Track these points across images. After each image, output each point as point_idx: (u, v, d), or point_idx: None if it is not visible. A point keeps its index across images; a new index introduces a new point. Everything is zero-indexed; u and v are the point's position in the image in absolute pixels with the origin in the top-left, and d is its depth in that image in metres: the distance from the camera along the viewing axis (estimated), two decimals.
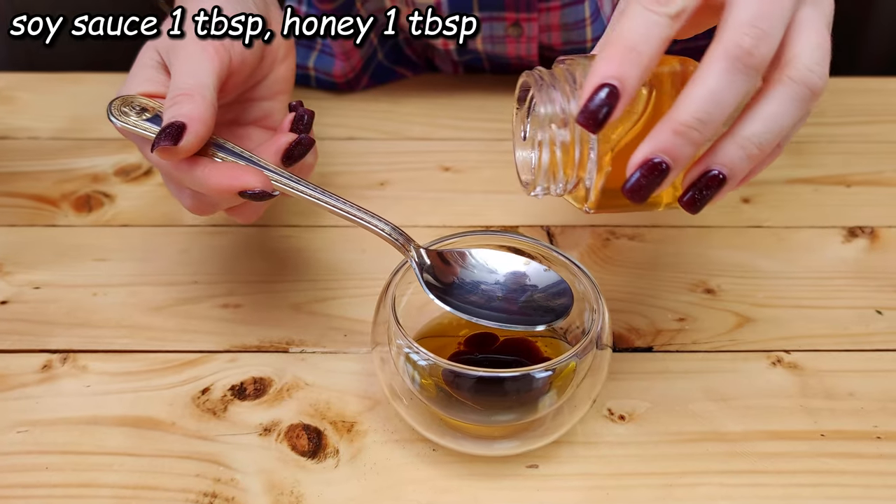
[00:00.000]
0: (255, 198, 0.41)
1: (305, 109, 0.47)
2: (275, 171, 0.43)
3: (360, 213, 0.42)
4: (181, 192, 0.45)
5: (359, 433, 0.44)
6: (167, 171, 0.43)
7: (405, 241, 0.43)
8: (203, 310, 0.51)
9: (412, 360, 0.41)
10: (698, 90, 0.34)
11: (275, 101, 0.50)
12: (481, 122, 0.68)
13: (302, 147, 0.44)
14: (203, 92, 0.42)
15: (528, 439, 0.42)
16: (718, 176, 0.36)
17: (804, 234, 0.58)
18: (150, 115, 0.43)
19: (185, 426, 0.44)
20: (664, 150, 0.34)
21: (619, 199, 0.39)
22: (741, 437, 0.44)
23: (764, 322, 0.51)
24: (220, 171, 0.41)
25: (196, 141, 0.41)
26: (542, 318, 0.41)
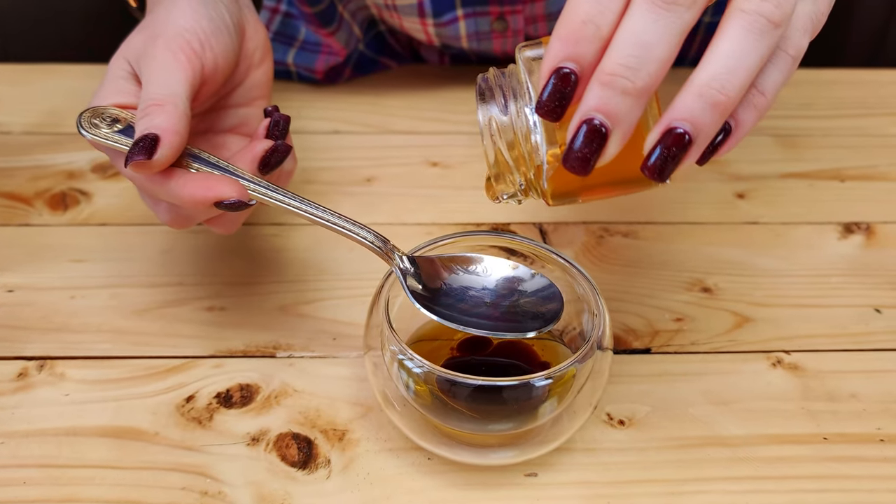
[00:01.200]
0: (231, 208, 0.40)
1: (281, 115, 0.45)
2: (251, 181, 0.41)
3: (341, 221, 0.41)
4: (157, 206, 0.43)
5: (351, 442, 0.43)
6: (142, 184, 0.41)
7: (389, 250, 0.41)
8: (187, 313, 0.49)
9: (406, 366, 0.40)
10: (623, 32, 0.31)
11: (252, 108, 0.48)
12: (469, 115, 0.67)
13: (278, 154, 0.43)
14: (175, 101, 0.40)
15: (526, 448, 0.41)
16: (683, 135, 0.31)
17: (800, 230, 0.57)
18: (122, 127, 0.42)
19: (169, 436, 0.43)
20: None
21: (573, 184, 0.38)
22: (743, 442, 0.43)
23: (763, 322, 0.50)
24: (194, 182, 0.40)
25: (170, 153, 0.39)
26: (532, 325, 0.40)
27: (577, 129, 0.32)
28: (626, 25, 0.31)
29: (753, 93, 0.33)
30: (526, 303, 0.41)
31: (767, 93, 0.34)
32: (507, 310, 0.41)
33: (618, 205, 0.58)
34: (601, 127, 0.31)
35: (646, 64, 0.31)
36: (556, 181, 0.38)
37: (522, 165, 0.39)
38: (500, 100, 0.38)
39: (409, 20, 0.65)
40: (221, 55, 0.43)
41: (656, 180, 0.33)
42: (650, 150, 0.32)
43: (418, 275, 0.41)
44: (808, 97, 0.69)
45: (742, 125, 0.34)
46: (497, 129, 0.39)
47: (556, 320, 0.40)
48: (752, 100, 0.33)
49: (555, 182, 0.38)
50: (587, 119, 0.31)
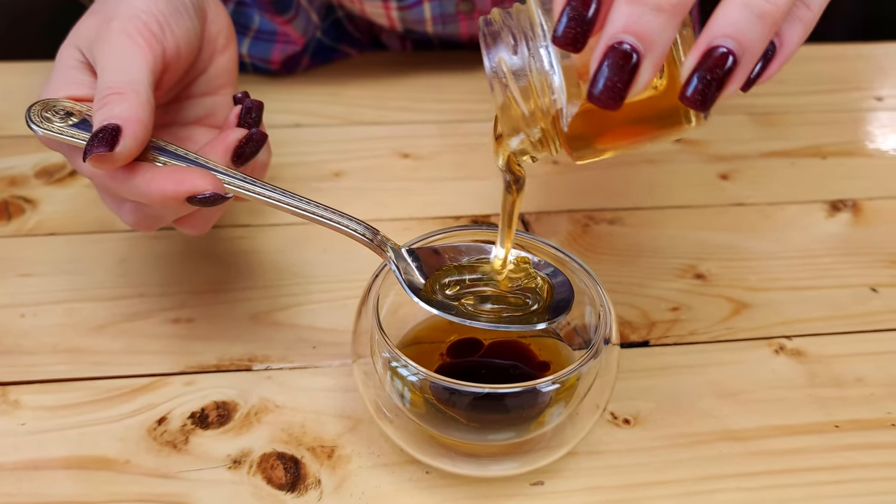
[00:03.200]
0: (206, 202, 0.36)
1: (253, 101, 0.41)
2: (225, 173, 0.37)
3: (327, 213, 0.38)
4: (120, 206, 0.39)
5: (341, 459, 0.39)
6: (102, 182, 0.37)
7: (381, 242, 0.38)
8: (151, 326, 0.46)
9: (400, 374, 0.37)
10: None
11: (218, 97, 0.44)
12: (436, 104, 0.64)
13: (253, 143, 0.39)
14: (137, 88, 0.36)
15: (531, 456, 0.38)
16: (727, 54, 0.28)
17: (787, 210, 0.55)
18: (78, 120, 0.37)
19: (140, 464, 0.39)
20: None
21: (598, 127, 0.33)
22: (755, 435, 0.41)
23: (760, 307, 0.48)
24: (163, 175, 0.36)
25: (134, 144, 0.35)
26: (541, 317, 0.37)
27: (603, 55, 0.28)
28: None
29: (798, 4, 0.30)
30: (534, 296, 0.39)
31: (813, 5, 0.30)
32: (512, 302, 0.38)
33: (602, 191, 0.55)
34: (632, 51, 0.27)
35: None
36: (578, 125, 0.33)
37: (538, 113, 0.34)
38: (509, 41, 0.33)
39: (372, 4, 0.61)
40: (183, 39, 0.40)
41: (698, 110, 0.29)
42: (689, 75, 0.28)
43: (414, 267, 0.38)
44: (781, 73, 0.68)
45: (788, 43, 0.30)
46: (507, 73, 0.33)
47: (568, 310, 0.37)
48: (798, 12, 0.30)
49: (577, 126, 0.33)
50: (615, 42, 0.27)
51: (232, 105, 0.43)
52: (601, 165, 0.58)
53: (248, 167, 0.40)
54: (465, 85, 0.65)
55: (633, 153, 0.58)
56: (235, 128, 0.39)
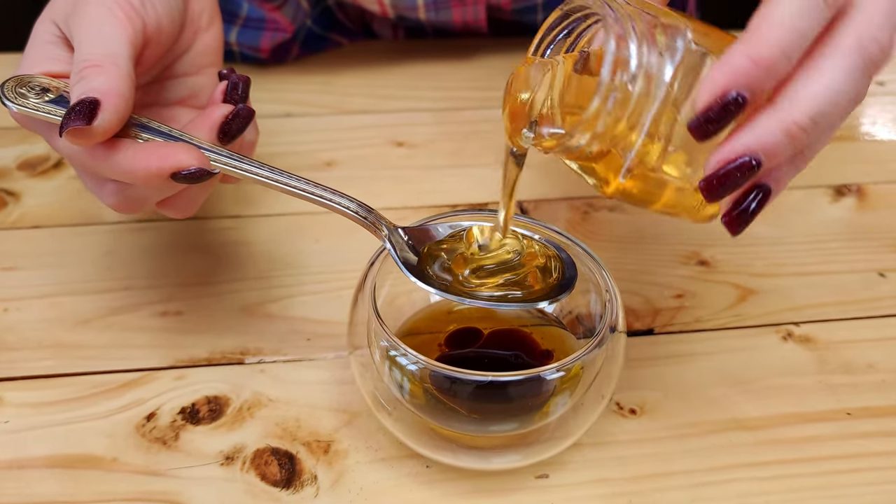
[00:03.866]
0: (192, 179, 0.35)
1: (239, 76, 0.40)
2: (211, 150, 0.36)
3: (319, 190, 0.36)
4: (101, 188, 0.38)
5: (338, 453, 0.38)
6: (82, 161, 0.36)
7: (376, 220, 0.37)
8: (138, 320, 0.44)
9: (399, 363, 0.35)
10: (820, 87, 0.28)
11: (202, 76, 0.43)
12: (429, 91, 0.62)
13: (240, 120, 0.38)
14: (116, 61, 0.35)
15: (535, 448, 0.36)
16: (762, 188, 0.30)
17: (791, 195, 0.54)
18: (54, 96, 0.36)
19: (129, 461, 0.37)
20: (764, 150, 0.28)
21: (645, 196, 0.33)
22: (765, 424, 0.40)
23: (767, 293, 0.47)
24: (146, 151, 0.34)
25: (114, 118, 0.34)
26: (543, 294, 0.36)
27: (729, 159, 0.29)
28: (824, 77, 0.28)
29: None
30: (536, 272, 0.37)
31: (808, 160, 0.31)
32: (513, 280, 0.37)
33: None
34: (753, 162, 0.29)
35: (828, 129, 0.29)
36: (635, 183, 0.33)
37: (618, 137, 0.31)
38: (637, 42, 0.30)
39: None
40: (164, 13, 0.38)
41: (732, 233, 0.31)
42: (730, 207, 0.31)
43: (410, 247, 0.36)
44: None
45: (780, 183, 0.31)
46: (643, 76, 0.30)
47: (572, 287, 0.35)
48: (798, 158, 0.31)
49: (633, 184, 0.33)
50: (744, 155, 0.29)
51: (217, 85, 0.41)
52: None
53: (234, 145, 0.38)
54: (460, 72, 0.64)
55: None
56: (221, 104, 0.38)
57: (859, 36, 0.29)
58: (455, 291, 0.36)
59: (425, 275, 0.36)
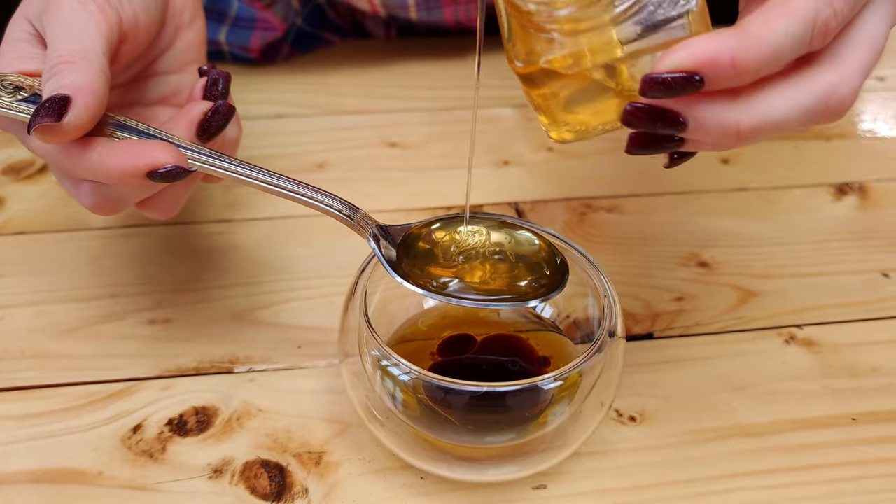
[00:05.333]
0: (168, 177, 0.33)
1: (220, 71, 0.39)
2: (190, 148, 0.35)
3: (301, 189, 0.35)
4: (78, 188, 0.36)
5: (330, 465, 0.37)
6: (56, 160, 0.35)
7: (361, 219, 0.35)
8: (125, 328, 0.43)
9: (391, 373, 0.34)
10: (776, 35, 0.27)
11: (184, 74, 0.41)
12: (422, 91, 0.61)
13: (220, 116, 0.36)
14: (89, 56, 0.33)
15: (532, 459, 0.35)
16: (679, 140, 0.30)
17: (792, 194, 0.53)
18: (28, 95, 0.35)
19: (115, 475, 0.36)
20: (709, 67, 0.27)
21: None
22: (768, 430, 0.39)
23: (768, 295, 0.46)
24: (120, 150, 0.33)
25: (86, 115, 0.33)
26: (534, 293, 0.35)
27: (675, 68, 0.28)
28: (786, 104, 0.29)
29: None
30: (525, 268, 0.36)
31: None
32: (505, 278, 0.36)
33: (598, 178, 0.53)
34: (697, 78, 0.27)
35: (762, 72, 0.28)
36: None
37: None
38: None
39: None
40: (142, 8, 0.37)
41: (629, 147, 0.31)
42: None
43: (396, 246, 0.35)
44: None
45: (692, 147, 0.31)
46: None
47: (562, 287, 0.34)
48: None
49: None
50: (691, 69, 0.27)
51: None
52: (597, 151, 0.55)
53: (216, 144, 0.37)
54: (453, 71, 0.63)
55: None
56: (200, 100, 0.37)
57: (833, 83, 0.29)
58: (442, 292, 0.35)
59: (411, 274, 0.35)
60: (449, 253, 0.36)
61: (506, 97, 0.60)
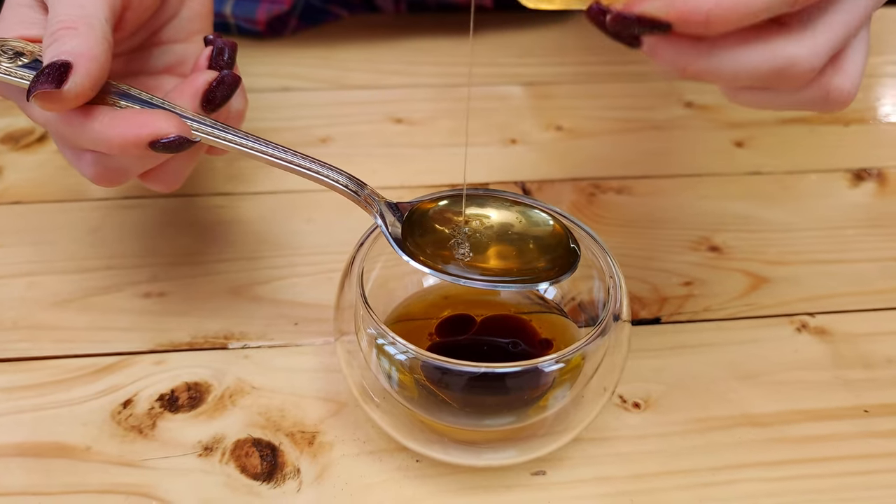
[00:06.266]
0: (171, 147, 0.32)
1: (225, 41, 0.38)
2: (194, 119, 0.34)
3: (307, 163, 0.34)
4: (79, 158, 0.36)
5: (323, 446, 0.36)
6: (57, 129, 0.34)
7: (368, 196, 0.34)
8: (121, 301, 0.42)
9: (387, 352, 0.33)
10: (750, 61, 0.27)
11: (190, 44, 0.40)
12: (431, 67, 0.60)
13: (225, 87, 0.35)
14: (90, 22, 0.32)
15: (532, 444, 0.34)
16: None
17: (807, 179, 0.51)
18: (28, 61, 0.34)
19: (103, 451, 0.35)
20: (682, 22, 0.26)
21: None
22: (776, 420, 0.38)
23: (780, 281, 0.44)
24: (122, 118, 0.32)
25: (87, 82, 0.32)
26: (544, 275, 0.34)
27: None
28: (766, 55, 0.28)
29: None
30: (535, 248, 0.35)
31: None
32: (513, 259, 0.35)
33: (608, 158, 0.52)
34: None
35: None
36: None
37: None
38: None
39: None
40: None
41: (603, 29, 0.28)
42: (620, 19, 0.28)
43: (404, 224, 0.34)
44: None
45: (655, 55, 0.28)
46: None
47: (573, 270, 0.33)
48: None
49: None
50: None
51: None
52: (607, 131, 0.54)
53: (220, 115, 0.36)
54: (462, 47, 0.61)
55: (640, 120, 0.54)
56: (205, 70, 0.36)
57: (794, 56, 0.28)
58: (448, 271, 0.33)
59: (417, 253, 0.34)
60: (456, 231, 0.35)
61: (514, 75, 0.59)
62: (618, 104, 0.57)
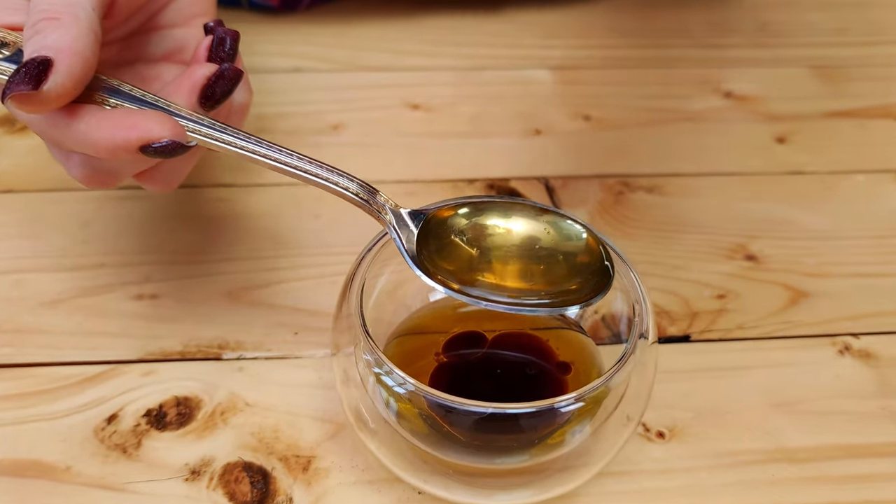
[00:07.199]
0: (164, 152, 0.29)
1: (227, 30, 0.34)
2: (190, 118, 0.31)
3: (313, 167, 0.31)
4: (67, 159, 0.33)
5: (319, 473, 0.33)
6: (41, 129, 0.31)
7: (379, 205, 0.31)
8: (111, 303, 0.39)
9: (384, 382, 0.30)
10: None
11: (190, 28, 0.37)
12: (453, 48, 0.56)
13: (225, 81, 0.32)
14: (75, 12, 0.29)
15: (547, 484, 0.31)
16: None
17: (853, 180, 0.47)
18: (10, 52, 0.31)
19: (83, 471, 0.33)
20: None
21: None
22: (813, 456, 0.34)
23: (821, 296, 0.41)
24: (111, 120, 0.29)
25: (68, 81, 0.29)
26: (572, 296, 0.30)
27: None
28: None
29: None
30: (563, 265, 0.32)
31: None
32: (540, 276, 0.31)
33: (639, 153, 0.48)
34: None
35: None
36: None
37: None
38: None
39: None
40: None
41: None
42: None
43: (419, 235, 0.31)
44: (843, 21, 0.59)
45: None
46: None
47: (606, 291, 0.30)
48: None
49: None
50: None
51: None
52: (637, 123, 0.50)
53: (221, 112, 0.33)
54: (486, 27, 0.57)
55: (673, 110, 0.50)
56: (204, 63, 0.33)
57: None
58: (468, 291, 0.30)
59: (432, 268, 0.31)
60: (476, 244, 0.32)
61: (541, 57, 0.55)
62: (650, 92, 0.53)
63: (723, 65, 0.55)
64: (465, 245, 0.32)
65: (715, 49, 0.56)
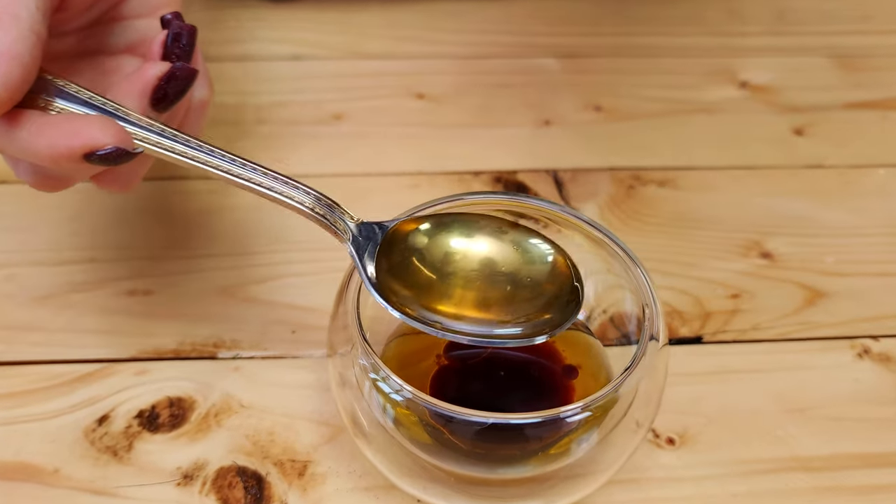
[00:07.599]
0: (109, 160, 0.28)
1: (184, 24, 0.32)
2: (138, 124, 0.29)
3: (266, 179, 0.29)
4: (16, 165, 0.31)
5: (315, 478, 0.32)
6: None
7: (338, 219, 0.30)
8: (102, 299, 0.38)
9: (381, 389, 0.29)
10: None
11: (154, 20, 0.35)
12: (458, 35, 0.55)
13: (178, 82, 0.31)
14: (16, 11, 0.27)
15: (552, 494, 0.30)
16: None
17: (874, 175, 0.46)
18: None
19: (72, 475, 0.32)
20: None
21: None
22: (830, 465, 0.33)
23: (839, 296, 0.39)
24: (52, 126, 0.28)
25: (5, 91, 0.27)
26: (541, 324, 0.29)
27: None
28: None
29: None
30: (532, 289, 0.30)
31: None
32: (511, 299, 0.30)
33: (652, 145, 0.47)
34: None
35: None
36: None
37: None
38: None
39: None
40: None
41: None
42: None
43: (383, 253, 0.30)
44: (865, 8, 0.58)
45: None
46: None
47: (574, 317, 0.29)
48: None
49: None
50: None
51: None
52: (651, 114, 0.49)
53: (180, 107, 0.31)
54: (491, 13, 0.56)
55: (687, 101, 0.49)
56: (157, 61, 0.31)
57: None
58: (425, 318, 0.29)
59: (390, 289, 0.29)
60: (439, 264, 0.30)
61: (550, 45, 0.53)
62: (662, 82, 0.51)
63: (738, 54, 0.53)
64: (425, 268, 0.30)
65: (730, 37, 0.54)
